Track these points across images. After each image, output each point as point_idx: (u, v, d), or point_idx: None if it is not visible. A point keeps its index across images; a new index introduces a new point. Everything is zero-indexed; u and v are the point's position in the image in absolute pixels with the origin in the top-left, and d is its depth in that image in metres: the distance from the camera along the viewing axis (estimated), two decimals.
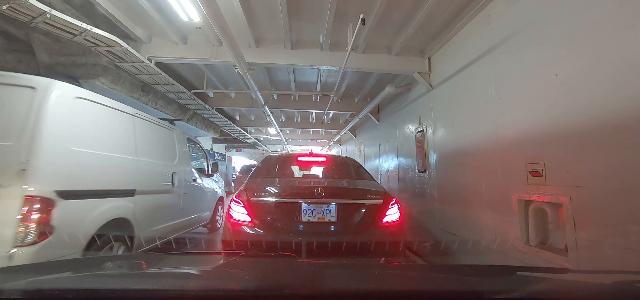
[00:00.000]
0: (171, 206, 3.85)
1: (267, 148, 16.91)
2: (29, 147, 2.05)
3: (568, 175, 2.26)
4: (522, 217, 2.69)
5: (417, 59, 4.68)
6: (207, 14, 2.82)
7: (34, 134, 2.08)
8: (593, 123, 2.09)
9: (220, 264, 1.61)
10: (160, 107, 5.82)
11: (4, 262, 1.86)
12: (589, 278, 1.54)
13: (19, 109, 2.12)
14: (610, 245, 1.96)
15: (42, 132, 2.11)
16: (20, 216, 1.93)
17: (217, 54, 4.38)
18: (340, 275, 1.18)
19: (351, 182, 3.30)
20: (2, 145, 2.03)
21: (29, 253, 1.94)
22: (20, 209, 1.94)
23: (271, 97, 7.36)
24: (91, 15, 3.60)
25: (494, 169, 3.07)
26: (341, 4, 3.39)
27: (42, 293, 0.87)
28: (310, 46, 4.49)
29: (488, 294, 0.97)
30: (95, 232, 2.43)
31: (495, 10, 3.16)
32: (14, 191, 1.95)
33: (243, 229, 2.65)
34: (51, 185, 2.13)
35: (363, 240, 2.52)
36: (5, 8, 2.61)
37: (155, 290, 0.95)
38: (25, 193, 1.96)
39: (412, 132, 5.29)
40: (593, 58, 2.10)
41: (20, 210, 1.94)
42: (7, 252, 1.87)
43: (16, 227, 1.91)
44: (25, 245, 1.93)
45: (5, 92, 2.14)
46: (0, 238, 1.88)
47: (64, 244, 2.15)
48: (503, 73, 3.01)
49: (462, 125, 3.77)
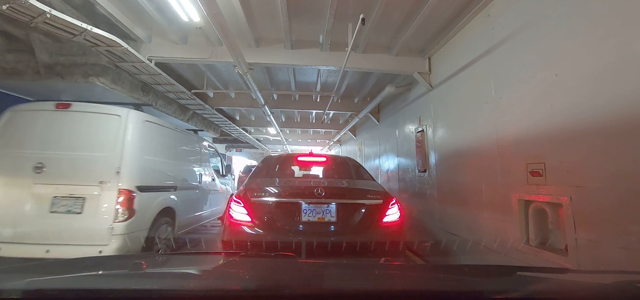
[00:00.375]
0: (198, 200, 4.78)
1: (267, 148, 16.90)
2: (120, 156, 3.05)
3: (568, 175, 2.26)
4: (522, 217, 2.69)
5: (417, 59, 4.68)
6: (207, 13, 2.82)
7: (122, 147, 3.09)
8: (593, 123, 2.09)
9: (220, 264, 1.61)
10: (160, 107, 5.81)
11: (109, 232, 2.86)
12: (589, 278, 1.55)
13: (111, 131, 3.13)
14: (611, 246, 1.96)
15: (127, 146, 3.11)
16: (116, 202, 2.92)
17: (217, 54, 4.38)
18: (340, 276, 1.18)
19: (351, 182, 3.30)
20: (103, 155, 3.06)
21: (122, 226, 2.91)
22: (117, 198, 2.93)
23: (271, 97, 7.36)
24: (91, 15, 3.60)
25: (494, 169, 3.07)
26: (341, 4, 3.38)
27: (42, 293, 0.87)
28: (310, 46, 4.49)
29: (488, 294, 0.97)
30: (155, 216, 3.38)
31: (495, 10, 3.16)
32: (113, 186, 2.95)
33: (243, 229, 2.65)
34: (134, 182, 3.10)
35: (363, 240, 2.52)
36: (5, 8, 2.61)
37: (155, 290, 0.95)
38: (119, 187, 2.96)
39: (412, 132, 5.29)
40: (593, 58, 2.10)
41: (117, 199, 2.93)
42: (110, 225, 2.87)
43: (115, 209, 2.91)
44: (120, 221, 2.91)
45: (102, 119, 3.19)
46: (106, 216, 2.89)
47: (140, 222, 3.12)
48: (503, 73, 3.01)
49: (462, 125, 3.77)
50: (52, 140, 3.08)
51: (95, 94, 4.74)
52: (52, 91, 4.77)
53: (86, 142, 3.12)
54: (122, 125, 3.17)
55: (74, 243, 2.83)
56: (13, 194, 2.89)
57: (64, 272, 1.18)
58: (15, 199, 2.87)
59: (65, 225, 2.83)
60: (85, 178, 2.97)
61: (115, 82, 4.47)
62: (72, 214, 2.87)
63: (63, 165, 3.00)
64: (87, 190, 2.93)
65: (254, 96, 5.95)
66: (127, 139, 3.14)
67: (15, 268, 1.26)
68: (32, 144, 3.04)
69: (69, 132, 3.13)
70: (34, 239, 2.80)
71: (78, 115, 3.21)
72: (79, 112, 3.21)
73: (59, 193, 2.91)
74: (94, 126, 3.18)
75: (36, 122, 3.14)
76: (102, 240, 2.84)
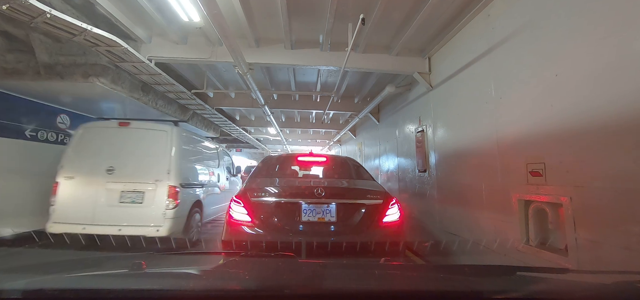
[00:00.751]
0: (217, 195, 5.76)
1: (267, 148, 16.90)
2: (169, 161, 4.09)
3: (568, 175, 2.26)
4: (522, 217, 2.69)
5: (417, 59, 4.68)
6: (207, 13, 2.82)
7: (170, 155, 4.15)
8: (593, 123, 2.09)
9: (220, 264, 1.61)
10: (160, 107, 5.81)
11: (162, 216, 3.87)
12: (589, 278, 1.55)
13: (161, 142, 4.20)
14: (611, 246, 1.96)
15: (173, 154, 4.18)
16: (167, 195, 3.95)
17: (217, 54, 4.38)
18: (340, 276, 1.18)
19: (351, 182, 3.29)
20: (156, 160, 4.09)
21: (171, 213, 3.93)
22: (167, 192, 3.95)
23: (271, 97, 7.36)
24: (91, 15, 3.60)
25: (494, 169, 3.07)
26: (341, 4, 3.38)
27: (42, 293, 0.87)
28: (310, 46, 4.49)
29: (488, 294, 0.97)
30: (191, 206, 4.45)
31: (495, 10, 3.16)
32: (164, 183, 3.97)
33: (243, 229, 2.65)
34: (178, 180, 4.11)
35: (363, 240, 2.52)
36: (5, 8, 2.61)
37: (155, 290, 0.95)
38: (169, 184, 3.98)
39: (412, 132, 5.29)
40: (593, 58, 2.10)
41: (167, 193, 3.95)
42: (163, 211, 3.89)
43: (166, 200, 3.93)
44: (169, 209, 3.93)
45: (154, 134, 4.29)
46: (160, 205, 3.92)
47: (181, 210, 4.15)
48: (503, 73, 3.01)
49: (462, 125, 3.77)
50: (118, 150, 4.13)
51: (96, 93, 4.74)
52: (52, 91, 4.77)
53: (143, 151, 4.18)
54: (169, 138, 4.26)
55: (137, 225, 3.82)
56: (92, 189, 3.94)
57: (64, 272, 1.18)
58: (94, 193, 3.93)
59: (131, 211, 3.90)
60: (144, 177, 4.01)
61: (115, 82, 4.47)
62: (135, 203, 3.93)
63: (128, 168, 4.03)
64: (146, 186, 3.98)
65: (254, 96, 5.95)
66: (173, 148, 4.22)
67: (15, 268, 1.26)
68: (103, 153, 4.10)
69: (130, 143, 4.19)
70: (108, 222, 3.78)
71: (135, 130, 4.29)
72: (136, 128, 4.31)
73: (125, 188, 3.95)
74: (148, 139, 4.26)
75: (104, 136, 4.25)
76: (157, 223, 3.87)
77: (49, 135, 5.49)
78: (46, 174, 4.22)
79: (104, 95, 4.80)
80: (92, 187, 3.94)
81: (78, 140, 4.17)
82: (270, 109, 7.20)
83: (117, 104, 5.65)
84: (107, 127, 4.35)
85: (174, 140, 4.26)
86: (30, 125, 5.13)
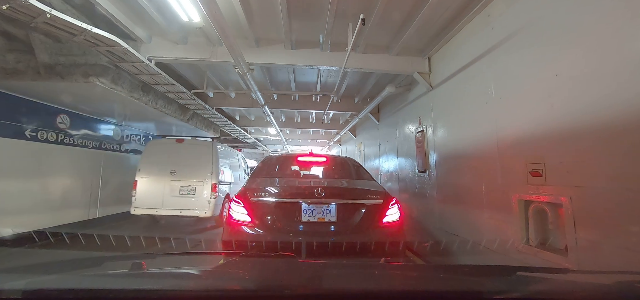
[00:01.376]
0: (237, 191, 6.31)
1: (267, 148, 16.90)
2: (211, 166, 5.98)
3: (568, 175, 2.26)
4: (522, 217, 2.69)
5: (417, 59, 4.68)
6: (207, 14, 2.82)
7: (211, 161, 6.02)
8: (594, 123, 2.09)
9: (220, 264, 1.61)
10: (160, 107, 5.81)
11: (207, 204, 5.81)
12: (589, 278, 1.55)
13: (205, 152, 6.10)
14: (611, 246, 1.96)
15: (213, 160, 6.04)
16: (210, 190, 5.88)
17: (217, 54, 4.38)
18: (340, 276, 1.18)
19: (351, 182, 3.29)
20: (203, 165, 5.97)
21: (213, 202, 5.84)
22: (210, 187, 5.88)
23: (271, 97, 7.36)
24: (91, 15, 3.60)
25: (494, 169, 3.07)
26: (341, 4, 3.38)
27: (42, 293, 0.87)
28: (310, 46, 4.49)
29: (488, 294, 0.97)
30: (224, 198, 6.27)
31: (495, 10, 3.16)
32: (208, 181, 5.88)
33: (243, 229, 2.64)
34: (217, 180, 6.05)
35: (363, 240, 2.51)
36: (5, 8, 2.61)
37: (155, 290, 0.95)
38: (211, 182, 5.89)
39: (412, 132, 5.29)
40: (593, 58, 2.10)
41: (210, 188, 5.88)
42: (208, 200, 5.82)
43: (209, 193, 5.86)
44: (212, 199, 5.84)
45: (201, 147, 6.22)
46: (206, 196, 5.84)
47: (219, 200, 6.03)
48: (503, 73, 3.01)
49: (462, 126, 3.77)
50: (176, 158, 5.99)
51: (95, 93, 4.74)
52: (52, 91, 4.77)
53: (194, 158, 6.03)
54: (210, 150, 6.16)
55: (191, 209, 5.73)
56: (160, 186, 5.82)
57: (64, 272, 1.18)
58: (162, 187, 5.81)
59: (187, 201, 5.79)
60: (195, 177, 5.90)
61: (115, 82, 4.47)
62: (190, 195, 5.82)
63: (185, 170, 5.90)
64: (196, 183, 5.87)
65: (254, 96, 5.95)
66: (214, 157, 6.09)
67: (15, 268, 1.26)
68: (167, 160, 5.96)
69: (185, 154, 6.06)
70: (172, 208, 5.72)
71: (187, 144, 6.22)
72: (188, 143, 6.23)
73: (183, 184, 5.84)
74: (196, 151, 6.17)
75: (165, 149, 6.17)
76: (204, 208, 5.76)
77: (49, 136, 5.50)
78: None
79: (104, 95, 4.79)
80: (160, 184, 5.83)
81: (148, 151, 6.16)
82: (270, 109, 7.20)
83: (118, 104, 5.65)
84: (168, 142, 6.33)
85: (213, 152, 6.15)
86: (30, 125, 5.14)
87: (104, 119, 6.92)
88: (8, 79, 4.21)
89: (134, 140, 8.11)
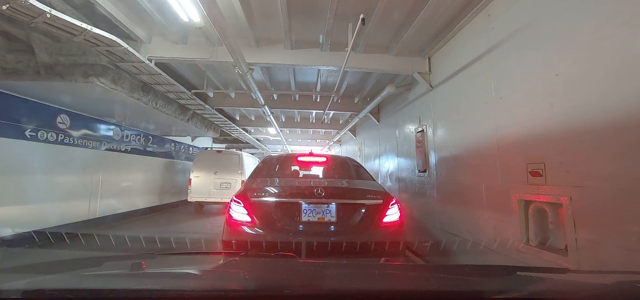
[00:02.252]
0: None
1: (267, 148, 16.90)
2: (241, 168, 8.97)
3: (568, 175, 2.26)
4: (522, 217, 2.69)
5: (417, 59, 4.68)
6: (207, 14, 2.82)
7: (241, 164, 9.04)
8: (594, 123, 2.09)
9: (220, 264, 1.61)
10: (160, 107, 5.80)
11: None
12: (589, 278, 1.55)
13: (236, 159, 9.13)
14: (611, 246, 1.96)
15: (243, 164, 9.08)
16: (240, 184, 8.25)
17: (217, 54, 4.38)
18: (340, 276, 1.18)
19: (351, 182, 3.29)
20: (235, 167, 8.99)
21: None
22: (240, 182, 8.54)
23: (271, 97, 7.36)
24: (91, 15, 3.60)
25: (494, 169, 3.07)
26: (341, 4, 3.38)
27: (42, 293, 0.87)
28: (310, 46, 4.49)
29: (488, 294, 0.97)
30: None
31: (495, 10, 3.16)
32: (239, 178, 8.74)
33: (243, 229, 2.64)
34: (245, 177, 8.42)
35: (363, 240, 2.52)
36: (5, 8, 2.61)
37: (155, 290, 0.95)
38: (241, 179, 8.62)
39: (412, 132, 5.29)
40: (593, 58, 2.10)
41: (240, 182, 8.53)
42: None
43: (240, 186, 7.37)
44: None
45: (234, 155, 9.26)
46: (238, 188, 4.88)
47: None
48: (503, 73, 3.01)
49: (462, 125, 3.77)
50: (217, 163, 8.82)
51: (96, 93, 4.74)
52: (52, 91, 4.77)
53: (229, 163, 8.86)
54: (240, 157, 9.01)
55: (228, 198, 6.57)
56: (207, 181, 8.64)
57: (64, 272, 1.18)
58: (208, 183, 8.63)
59: (225, 192, 8.34)
60: (230, 175, 8.69)
61: (115, 82, 4.47)
62: (226, 188, 8.51)
63: (223, 171, 8.72)
64: (231, 179, 8.65)
65: (254, 96, 5.95)
66: (241, 161, 8.90)
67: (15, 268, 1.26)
68: (211, 164, 8.80)
69: (224, 160, 8.92)
70: (215, 198, 8.51)
71: (225, 153, 9.17)
72: (225, 153, 9.19)
73: (223, 180, 8.63)
74: (230, 157, 8.99)
75: (210, 157, 9.08)
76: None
77: (49, 136, 5.50)
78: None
79: (104, 95, 4.80)
80: (207, 180, 8.61)
81: (198, 158, 9.01)
82: (270, 109, 7.20)
83: (117, 104, 5.65)
84: (211, 152, 9.39)
85: (241, 158, 8.98)
86: (30, 125, 5.14)
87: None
88: (8, 79, 4.21)
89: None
